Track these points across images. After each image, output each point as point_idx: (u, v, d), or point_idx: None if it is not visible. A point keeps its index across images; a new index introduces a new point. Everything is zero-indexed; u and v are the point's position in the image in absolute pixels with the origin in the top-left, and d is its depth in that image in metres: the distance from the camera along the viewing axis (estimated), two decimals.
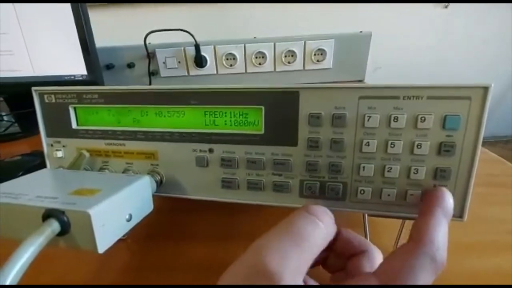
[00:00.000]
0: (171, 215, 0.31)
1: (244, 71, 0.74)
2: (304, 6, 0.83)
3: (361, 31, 0.70)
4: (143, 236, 0.28)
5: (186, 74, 0.76)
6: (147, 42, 0.70)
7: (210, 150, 0.22)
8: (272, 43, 0.70)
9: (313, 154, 0.20)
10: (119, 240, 0.18)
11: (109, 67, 0.76)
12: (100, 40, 0.59)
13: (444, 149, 0.18)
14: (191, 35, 0.69)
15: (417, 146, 0.18)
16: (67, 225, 0.16)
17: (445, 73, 1.10)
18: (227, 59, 0.73)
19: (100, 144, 0.24)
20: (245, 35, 0.72)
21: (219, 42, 0.72)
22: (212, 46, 0.72)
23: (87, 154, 0.24)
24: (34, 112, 0.60)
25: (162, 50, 0.74)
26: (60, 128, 0.25)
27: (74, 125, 0.25)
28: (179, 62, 0.75)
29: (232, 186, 0.22)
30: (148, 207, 0.21)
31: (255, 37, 0.71)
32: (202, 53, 0.72)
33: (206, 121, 0.22)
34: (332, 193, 0.21)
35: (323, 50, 0.69)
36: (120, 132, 0.24)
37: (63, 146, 0.25)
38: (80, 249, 0.16)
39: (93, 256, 0.25)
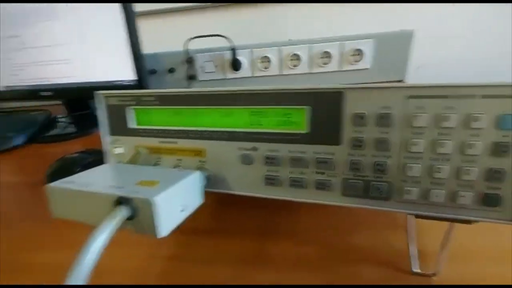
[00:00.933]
0: (214, 209, 0.32)
1: (278, 73, 0.75)
2: (342, 6, 0.82)
3: (402, 30, 0.67)
4: (186, 228, 0.29)
5: (223, 77, 0.79)
6: (185, 47, 0.75)
7: (255, 149, 0.23)
8: (308, 45, 0.70)
9: (356, 153, 0.21)
10: None
11: (152, 72, 0.82)
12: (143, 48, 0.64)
13: (499, 149, 0.17)
14: (228, 39, 0.72)
15: (469, 146, 0.18)
16: (134, 211, 0.18)
17: (491, 72, 1.01)
18: (262, 61, 0.74)
19: (154, 142, 0.27)
20: (280, 37, 0.73)
21: (255, 45, 0.73)
22: (248, 50, 0.74)
23: (144, 151, 0.26)
24: (88, 114, 0.66)
25: (200, 55, 0.78)
26: (119, 127, 0.28)
27: (132, 125, 0.27)
28: (216, 66, 0.78)
29: (275, 183, 0.23)
30: (199, 199, 0.22)
31: (290, 39, 0.71)
32: (238, 57, 0.74)
33: (251, 121, 0.23)
34: (376, 192, 0.21)
35: (361, 50, 0.68)
36: (173, 131, 0.26)
37: (122, 144, 0.28)
38: (143, 233, 0.18)
39: (142, 246, 0.28)
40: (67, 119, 0.76)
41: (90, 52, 0.63)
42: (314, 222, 0.29)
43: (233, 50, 0.74)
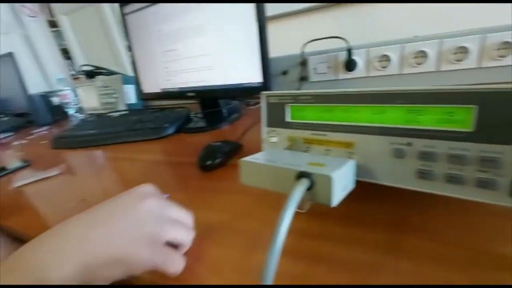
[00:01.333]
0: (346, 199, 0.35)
1: (398, 72, 0.72)
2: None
3: None
4: (320, 212, 0.32)
5: (335, 78, 0.81)
6: (301, 51, 0.80)
7: (409, 144, 0.25)
8: (437, 41, 0.64)
9: None
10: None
11: None
12: None
13: None
14: (345, 40, 0.73)
15: None
16: (313, 183, 0.23)
17: None
18: (380, 61, 0.72)
19: (306, 134, 0.32)
20: (403, 35, 0.70)
21: (373, 44, 0.72)
22: (364, 49, 0.74)
23: (301, 141, 0.32)
24: (217, 111, 0.80)
25: (314, 57, 0.82)
26: (275, 120, 0.35)
27: (288, 119, 0.34)
28: (329, 67, 0.81)
29: (428, 178, 0.24)
30: (352, 184, 0.26)
31: (415, 36, 0.67)
32: (354, 57, 0.75)
33: (408, 118, 0.25)
34: None
35: (509, 42, 0.58)
36: (323, 125, 0.31)
37: (277, 134, 0.35)
38: (317, 202, 0.23)
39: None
40: (198, 115, 0.93)
41: (227, 59, 0.76)
42: (450, 221, 0.28)
43: (349, 50, 0.75)
